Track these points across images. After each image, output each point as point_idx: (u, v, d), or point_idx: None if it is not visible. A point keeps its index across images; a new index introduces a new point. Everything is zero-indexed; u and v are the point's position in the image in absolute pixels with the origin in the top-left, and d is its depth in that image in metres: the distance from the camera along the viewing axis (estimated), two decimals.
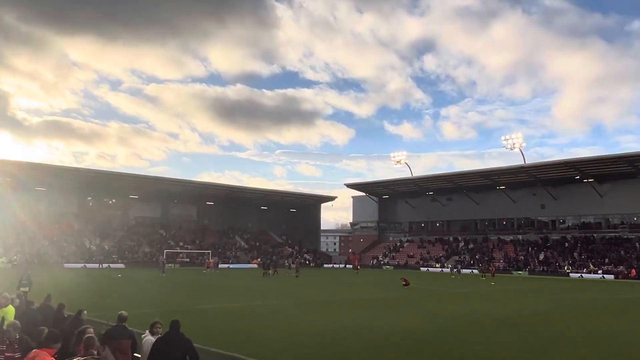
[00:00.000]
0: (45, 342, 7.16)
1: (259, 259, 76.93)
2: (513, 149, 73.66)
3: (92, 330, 8.01)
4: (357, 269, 66.96)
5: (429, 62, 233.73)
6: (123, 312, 9.42)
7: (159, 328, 8.80)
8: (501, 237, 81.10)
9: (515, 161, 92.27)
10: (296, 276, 50.59)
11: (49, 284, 24.05)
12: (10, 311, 10.70)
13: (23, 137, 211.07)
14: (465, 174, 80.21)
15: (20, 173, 63.72)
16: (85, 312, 10.59)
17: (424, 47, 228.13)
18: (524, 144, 73.89)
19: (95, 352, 7.38)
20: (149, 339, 8.63)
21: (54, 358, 6.82)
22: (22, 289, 20.84)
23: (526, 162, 72.58)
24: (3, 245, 62.11)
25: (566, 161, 67.92)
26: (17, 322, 8.36)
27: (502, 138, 74.79)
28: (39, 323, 9.67)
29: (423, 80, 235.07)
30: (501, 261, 72.44)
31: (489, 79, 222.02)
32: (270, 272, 53.32)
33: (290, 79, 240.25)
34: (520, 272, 67.07)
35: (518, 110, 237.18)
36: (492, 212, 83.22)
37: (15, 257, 60.04)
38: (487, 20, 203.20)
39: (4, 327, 8.98)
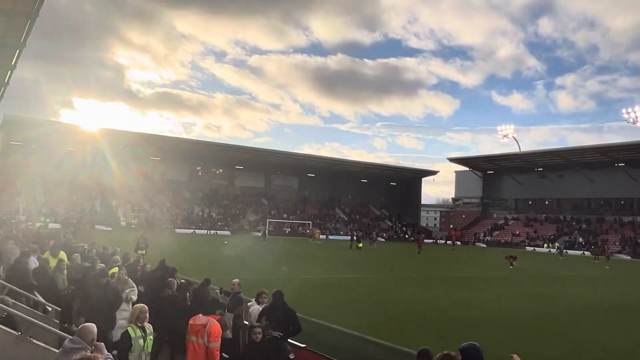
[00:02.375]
0: (210, 308, 7.70)
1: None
2: (636, 123, 67.66)
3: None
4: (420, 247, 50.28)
5: (545, 26, 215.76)
6: (238, 280, 9.99)
7: (265, 298, 9.05)
8: (619, 218, 75.36)
9: (636, 137, 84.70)
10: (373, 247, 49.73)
11: (163, 248, 25.67)
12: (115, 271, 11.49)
13: (138, 108, 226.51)
14: (580, 149, 75.03)
15: (137, 143, 68.41)
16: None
17: (540, 9, 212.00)
18: None
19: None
20: (255, 307, 8.93)
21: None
22: (139, 251, 22.30)
23: None
24: (121, 209, 67.53)
25: None
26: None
27: (624, 111, 68.98)
28: (155, 287, 10.32)
29: (537, 46, 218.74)
30: (617, 244, 67.55)
31: (613, 44, 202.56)
32: (359, 244, 52.44)
33: (393, 47, 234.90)
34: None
35: None
36: (609, 191, 77.24)
37: (134, 220, 65.09)
38: None
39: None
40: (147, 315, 6.58)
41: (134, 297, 9.42)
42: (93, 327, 5.29)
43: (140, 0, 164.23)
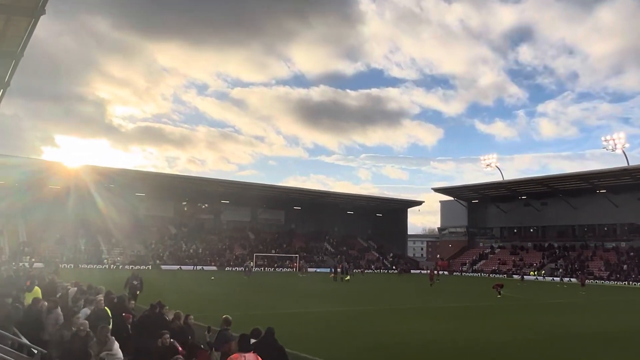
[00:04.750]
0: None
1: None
2: (615, 150, 68.88)
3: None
4: (432, 279, 51.04)
5: (525, 53, 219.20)
6: (228, 316, 9.82)
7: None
8: (602, 244, 76.15)
9: (617, 163, 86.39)
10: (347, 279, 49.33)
11: (153, 286, 25.34)
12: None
13: (120, 143, 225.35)
14: (562, 177, 76.19)
15: (121, 179, 68.09)
16: (192, 317, 11.06)
17: (519, 36, 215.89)
18: (627, 145, 68.93)
19: None
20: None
21: None
22: (130, 290, 20.97)
23: (630, 164, 67.65)
24: (106, 246, 66.73)
25: None
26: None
27: (603, 139, 70.17)
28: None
29: (518, 74, 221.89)
30: (602, 269, 68.14)
31: (593, 70, 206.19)
32: (341, 276, 51.88)
33: (375, 77, 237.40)
34: (623, 282, 62.68)
35: (624, 106, 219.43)
36: (592, 218, 78.25)
37: (118, 258, 64.28)
38: (591, 4, 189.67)
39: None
40: None
41: None
42: None
43: (120, 34, 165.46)
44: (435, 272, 59.31)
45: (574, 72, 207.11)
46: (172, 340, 8.81)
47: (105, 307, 11.24)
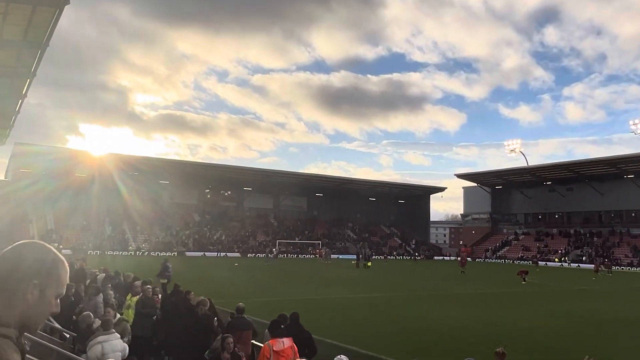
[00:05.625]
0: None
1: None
2: None
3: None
4: (464, 266, 49.76)
5: (551, 35, 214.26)
6: (241, 303, 9.85)
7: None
8: (628, 230, 74.78)
9: None
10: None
11: (178, 272, 25.63)
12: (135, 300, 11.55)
13: (143, 132, 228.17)
14: (588, 162, 74.76)
15: (145, 167, 68.87)
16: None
17: (545, 17, 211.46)
18: None
19: None
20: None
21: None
22: (161, 280, 21.23)
23: None
24: (131, 233, 67.78)
25: None
26: None
27: (631, 122, 68.64)
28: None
29: (544, 56, 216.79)
30: (629, 256, 66.99)
31: (621, 51, 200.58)
32: (363, 263, 52.47)
33: (397, 61, 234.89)
34: None
35: None
36: (619, 203, 76.75)
37: (143, 244, 65.30)
38: None
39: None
40: None
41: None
42: None
43: (140, 21, 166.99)
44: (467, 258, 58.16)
45: (602, 53, 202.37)
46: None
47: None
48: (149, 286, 11.67)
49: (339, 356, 6.56)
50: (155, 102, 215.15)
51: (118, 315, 9.66)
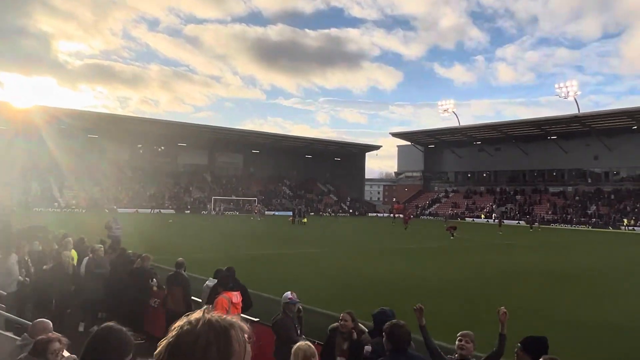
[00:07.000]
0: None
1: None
2: (567, 98, 70.55)
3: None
4: (407, 222, 51.75)
5: None
6: (180, 258, 9.83)
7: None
8: (550, 189, 79.34)
9: (569, 110, 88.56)
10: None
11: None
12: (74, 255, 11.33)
13: (68, 82, 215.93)
14: (515, 123, 78.00)
15: (73, 121, 65.71)
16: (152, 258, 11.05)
17: None
18: (578, 93, 70.75)
19: None
20: (208, 284, 9.01)
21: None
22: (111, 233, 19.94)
23: (580, 111, 69.70)
24: (59, 191, 65.13)
25: (624, 110, 64.94)
26: None
27: (556, 86, 71.64)
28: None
29: (479, 16, 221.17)
30: (549, 213, 71.24)
31: (553, 14, 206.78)
32: (297, 220, 53.49)
33: (335, 16, 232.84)
34: (570, 225, 65.86)
35: (580, 52, 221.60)
36: (542, 163, 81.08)
37: (73, 201, 62.99)
38: None
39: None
40: None
41: None
42: (48, 323, 4.95)
43: None
44: (410, 216, 59.40)
45: (534, 15, 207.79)
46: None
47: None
48: (100, 245, 11.42)
49: (287, 293, 6.90)
50: (80, 50, 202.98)
51: None
